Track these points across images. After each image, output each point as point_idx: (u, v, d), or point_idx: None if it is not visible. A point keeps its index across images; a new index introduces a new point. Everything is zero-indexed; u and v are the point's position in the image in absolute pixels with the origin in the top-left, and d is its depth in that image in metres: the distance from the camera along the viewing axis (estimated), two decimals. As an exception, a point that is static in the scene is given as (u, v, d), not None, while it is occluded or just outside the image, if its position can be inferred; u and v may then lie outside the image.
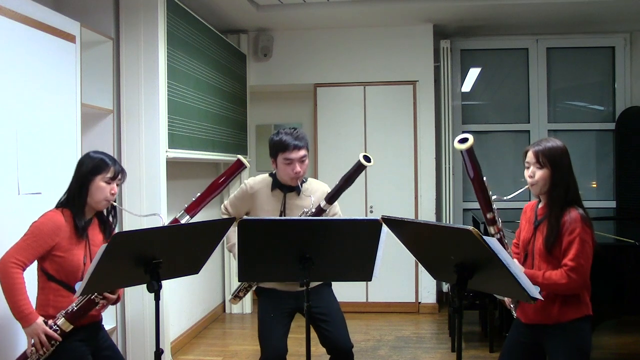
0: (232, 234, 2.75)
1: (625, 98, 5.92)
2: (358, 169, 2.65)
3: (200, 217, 5.10)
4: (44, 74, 2.98)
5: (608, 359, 4.19)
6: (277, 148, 2.77)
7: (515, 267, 1.89)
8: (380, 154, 5.67)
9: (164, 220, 2.41)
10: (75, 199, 2.35)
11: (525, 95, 6.03)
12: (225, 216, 2.98)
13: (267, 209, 2.83)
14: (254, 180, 2.93)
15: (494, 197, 2.28)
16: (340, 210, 2.96)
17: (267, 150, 2.94)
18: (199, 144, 4.40)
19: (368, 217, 2.87)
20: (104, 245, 1.99)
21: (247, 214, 2.97)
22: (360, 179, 2.81)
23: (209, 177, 5.48)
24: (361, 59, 5.73)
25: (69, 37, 3.20)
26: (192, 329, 4.92)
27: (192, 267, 2.40)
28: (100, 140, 3.74)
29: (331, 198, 2.68)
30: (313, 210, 2.70)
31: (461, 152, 2.18)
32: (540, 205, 2.43)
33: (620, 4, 5.09)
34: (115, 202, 2.46)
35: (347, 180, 2.67)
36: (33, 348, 2.24)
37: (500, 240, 2.29)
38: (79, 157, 3.18)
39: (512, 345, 2.51)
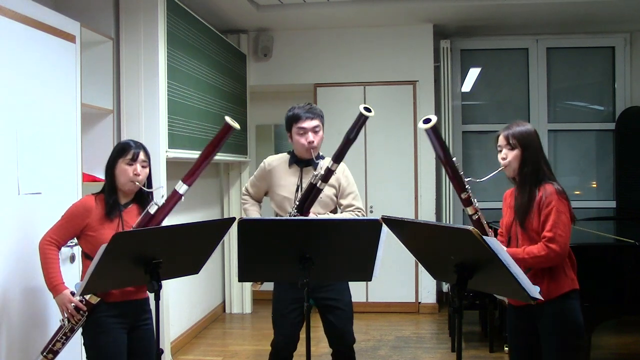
0: (252, 212, 3.00)
1: (625, 98, 5.92)
2: (360, 121, 2.63)
3: (200, 217, 5.12)
4: (44, 74, 2.98)
5: (608, 359, 4.19)
6: (291, 120, 2.87)
7: (515, 267, 1.89)
8: (380, 154, 5.68)
9: (164, 192, 2.55)
10: (106, 184, 2.52)
11: (525, 95, 6.03)
12: (247, 198, 3.08)
13: (284, 184, 2.88)
14: (272, 158, 3.02)
15: (468, 179, 2.34)
16: (357, 190, 2.98)
17: (267, 151, 2.97)
18: (199, 144, 4.39)
19: (368, 217, 2.87)
20: (104, 245, 2.00)
21: (266, 193, 3.02)
22: (360, 179, 2.84)
23: (209, 177, 5.49)
24: (361, 59, 5.73)
25: (69, 37, 3.20)
26: (192, 329, 4.92)
27: (192, 267, 2.40)
28: (100, 140, 3.74)
29: (337, 157, 2.66)
30: (322, 172, 2.67)
31: (426, 132, 2.21)
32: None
33: (620, 4, 5.09)
34: (145, 186, 2.53)
35: (351, 135, 2.65)
36: (65, 319, 2.41)
37: (479, 221, 2.34)
38: (79, 157, 3.21)
39: (512, 332, 2.54)
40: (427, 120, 2.19)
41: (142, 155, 2.51)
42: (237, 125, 2.38)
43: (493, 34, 5.95)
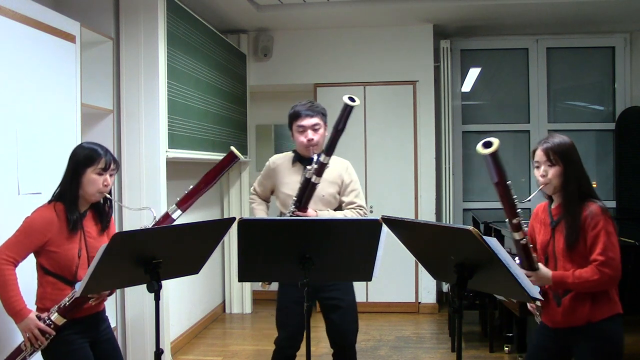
0: (259, 211, 3.01)
1: (625, 98, 5.92)
2: (345, 111, 2.63)
3: (200, 217, 5.12)
4: (44, 74, 2.98)
5: (608, 359, 4.19)
6: (292, 118, 2.89)
7: (515, 267, 1.88)
8: (380, 154, 5.68)
9: (155, 213, 2.41)
10: (68, 192, 2.33)
11: (525, 95, 6.03)
12: (254, 197, 3.10)
13: (288, 182, 2.89)
14: (277, 156, 3.04)
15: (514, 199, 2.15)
16: (360, 188, 2.97)
17: (267, 151, 2.97)
18: (199, 144, 4.40)
19: (368, 217, 2.87)
20: (104, 245, 1.99)
21: (272, 192, 3.03)
22: (360, 179, 2.83)
23: (209, 177, 5.48)
24: (361, 59, 5.73)
25: (69, 37, 3.20)
26: (192, 329, 4.92)
27: (192, 267, 2.40)
28: (100, 140, 3.68)
29: (328, 149, 2.65)
30: (315, 166, 2.66)
31: (485, 157, 2.01)
32: (553, 206, 2.35)
33: (620, 4, 5.09)
34: (110, 194, 2.43)
35: (338, 126, 2.64)
36: (28, 342, 2.25)
37: (526, 246, 2.18)
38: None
39: (537, 351, 2.40)
40: (487, 144, 1.97)
41: (112, 164, 2.36)
42: (242, 156, 2.41)
43: (493, 34, 5.95)
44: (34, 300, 2.35)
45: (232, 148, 2.41)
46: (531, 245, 2.23)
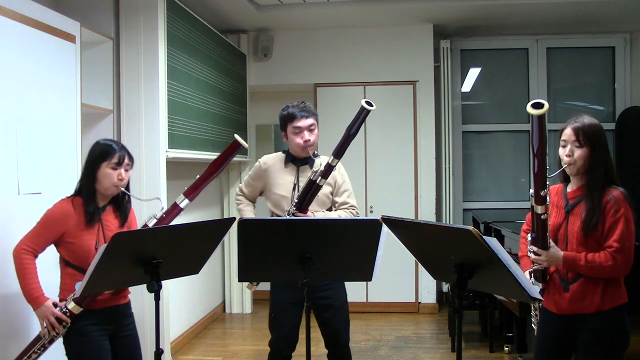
0: (247, 212, 2.97)
1: (625, 98, 5.92)
2: (361, 115, 2.62)
3: (200, 217, 5.12)
4: (44, 73, 2.98)
5: (608, 359, 4.19)
6: (286, 120, 2.85)
7: (516, 267, 1.88)
8: (380, 154, 5.68)
9: (163, 204, 2.45)
10: (85, 186, 2.41)
11: (525, 96, 6.02)
12: (241, 198, 3.06)
13: (281, 183, 2.88)
14: (267, 157, 3.00)
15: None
16: (351, 188, 2.97)
17: (267, 151, 2.97)
18: (199, 144, 4.40)
19: (368, 217, 2.87)
20: (104, 245, 2.00)
21: (261, 193, 3.00)
22: (360, 179, 2.84)
23: (209, 177, 5.48)
24: (361, 59, 5.73)
25: (69, 37, 3.20)
26: (192, 329, 4.92)
27: (192, 267, 2.40)
28: None
29: (338, 152, 2.65)
30: (322, 168, 2.66)
31: (531, 117, 1.99)
32: (570, 189, 2.30)
33: (620, 4, 5.09)
34: (127, 189, 2.48)
35: (352, 130, 2.63)
36: (45, 330, 2.33)
37: (545, 223, 2.16)
38: (79, 157, 3.21)
39: (544, 340, 2.34)
40: (538, 105, 1.96)
41: (126, 159, 2.43)
42: (245, 144, 2.43)
43: (493, 34, 5.95)
44: (57, 293, 2.42)
45: (236, 136, 2.46)
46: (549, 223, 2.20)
